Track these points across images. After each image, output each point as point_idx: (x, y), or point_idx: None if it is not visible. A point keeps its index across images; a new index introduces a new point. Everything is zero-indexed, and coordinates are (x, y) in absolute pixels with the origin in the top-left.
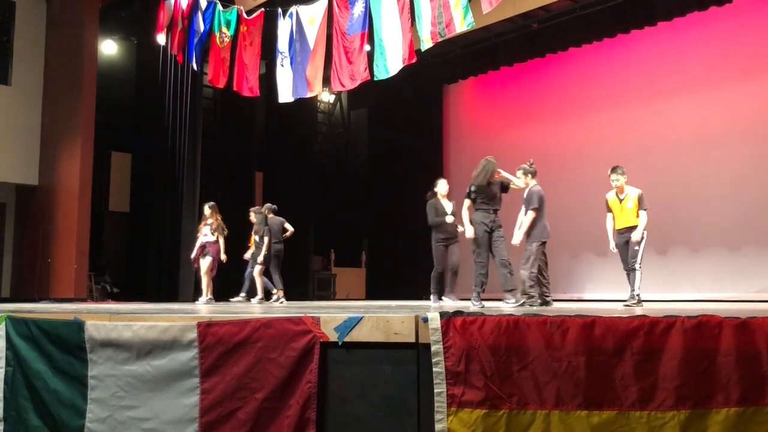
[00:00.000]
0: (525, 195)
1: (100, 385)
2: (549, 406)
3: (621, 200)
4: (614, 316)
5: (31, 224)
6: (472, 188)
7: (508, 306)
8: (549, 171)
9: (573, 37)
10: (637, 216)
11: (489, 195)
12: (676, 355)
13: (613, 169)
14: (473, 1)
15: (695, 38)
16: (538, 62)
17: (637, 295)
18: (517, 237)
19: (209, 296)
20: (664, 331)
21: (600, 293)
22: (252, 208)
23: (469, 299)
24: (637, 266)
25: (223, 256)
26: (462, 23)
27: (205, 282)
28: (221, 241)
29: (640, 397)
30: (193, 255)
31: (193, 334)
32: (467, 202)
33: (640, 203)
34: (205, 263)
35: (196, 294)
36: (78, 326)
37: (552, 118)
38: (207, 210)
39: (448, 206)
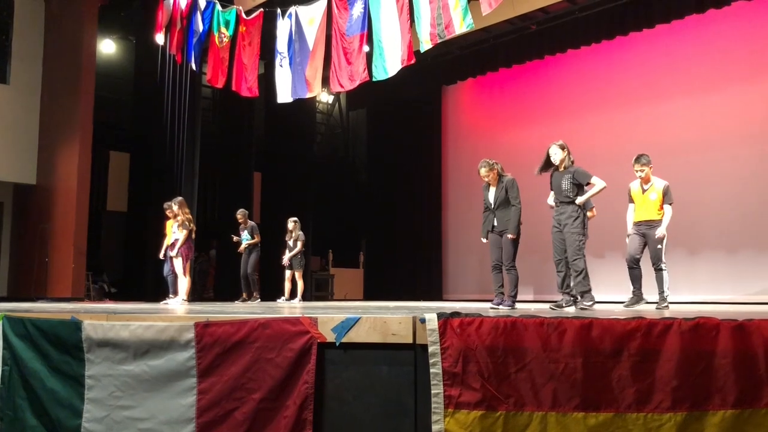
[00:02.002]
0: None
1: (97, 385)
2: (546, 408)
3: (645, 191)
4: (611, 317)
5: (29, 223)
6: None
7: (583, 311)
8: (547, 172)
9: (571, 39)
10: (660, 209)
11: (555, 185)
12: (673, 356)
13: (637, 159)
14: (472, 3)
15: (693, 41)
16: (537, 64)
17: (667, 295)
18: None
19: (185, 297)
20: (661, 333)
21: (598, 294)
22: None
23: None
24: (662, 266)
25: (173, 253)
26: (461, 24)
27: (185, 282)
28: (182, 235)
29: (637, 398)
30: (161, 254)
31: (190, 334)
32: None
33: (666, 197)
34: (177, 264)
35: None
36: (75, 326)
37: (550, 119)
38: (174, 206)
39: (491, 193)
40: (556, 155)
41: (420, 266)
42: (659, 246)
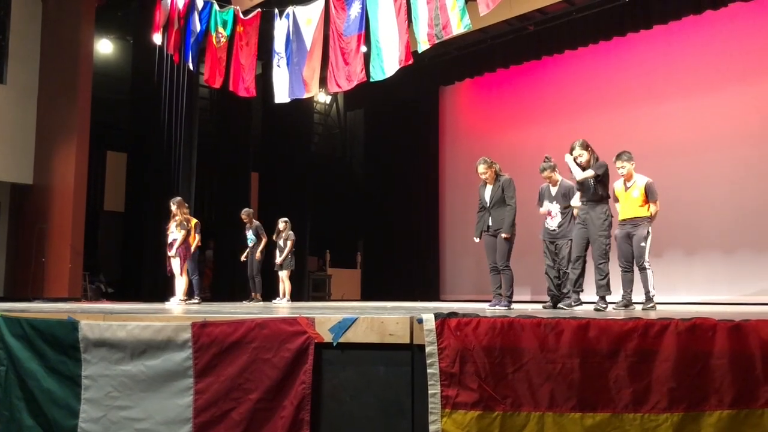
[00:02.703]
0: (558, 189)
1: (93, 385)
2: (543, 408)
3: (627, 188)
4: (608, 318)
5: (26, 223)
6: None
7: (598, 312)
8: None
9: (569, 40)
10: (643, 205)
11: (584, 183)
12: (670, 357)
13: (618, 156)
14: (470, 3)
15: (690, 41)
16: (534, 64)
17: (653, 295)
18: None
19: (182, 297)
20: (658, 334)
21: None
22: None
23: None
24: (646, 265)
25: (171, 253)
26: (459, 25)
27: (183, 281)
28: (181, 235)
29: (633, 399)
30: (171, 253)
31: (187, 334)
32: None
33: (648, 194)
34: (175, 264)
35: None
36: (72, 326)
37: (547, 119)
38: (173, 206)
39: (487, 192)
40: (582, 157)
41: (417, 267)
42: (643, 244)
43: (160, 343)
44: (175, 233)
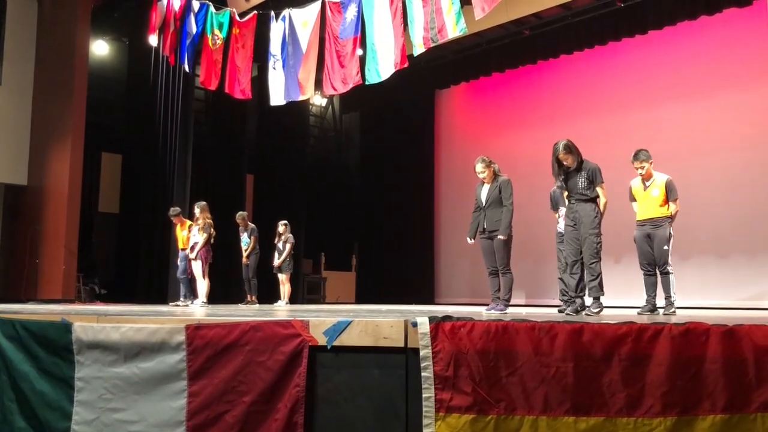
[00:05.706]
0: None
1: (86, 387)
2: (537, 412)
3: (646, 187)
4: (602, 322)
5: (20, 224)
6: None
7: (591, 316)
8: (540, 177)
9: (564, 44)
10: (663, 205)
11: (570, 183)
12: (664, 361)
13: (635, 155)
14: (466, 7)
15: (685, 47)
16: (530, 69)
17: (674, 300)
18: None
19: (204, 300)
20: (652, 338)
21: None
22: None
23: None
24: (669, 269)
25: (192, 255)
26: (454, 29)
27: (204, 284)
28: (203, 238)
29: (627, 403)
30: (192, 256)
31: (181, 337)
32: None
33: (669, 192)
34: (196, 267)
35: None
36: (65, 327)
37: (543, 124)
38: (197, 210)
39: (484, 191)
40: (567, 160)
41: (412, 270)
42: (665, 247)
43: (154, 345)
44: (197, 236)
